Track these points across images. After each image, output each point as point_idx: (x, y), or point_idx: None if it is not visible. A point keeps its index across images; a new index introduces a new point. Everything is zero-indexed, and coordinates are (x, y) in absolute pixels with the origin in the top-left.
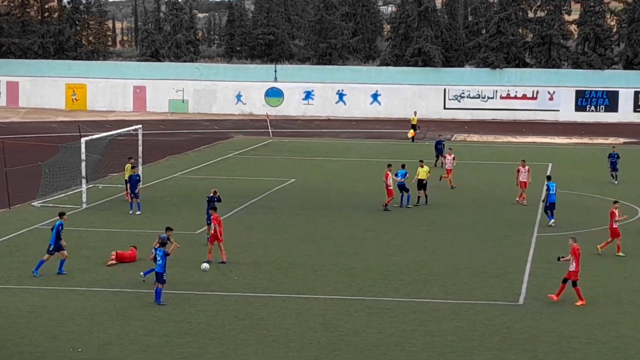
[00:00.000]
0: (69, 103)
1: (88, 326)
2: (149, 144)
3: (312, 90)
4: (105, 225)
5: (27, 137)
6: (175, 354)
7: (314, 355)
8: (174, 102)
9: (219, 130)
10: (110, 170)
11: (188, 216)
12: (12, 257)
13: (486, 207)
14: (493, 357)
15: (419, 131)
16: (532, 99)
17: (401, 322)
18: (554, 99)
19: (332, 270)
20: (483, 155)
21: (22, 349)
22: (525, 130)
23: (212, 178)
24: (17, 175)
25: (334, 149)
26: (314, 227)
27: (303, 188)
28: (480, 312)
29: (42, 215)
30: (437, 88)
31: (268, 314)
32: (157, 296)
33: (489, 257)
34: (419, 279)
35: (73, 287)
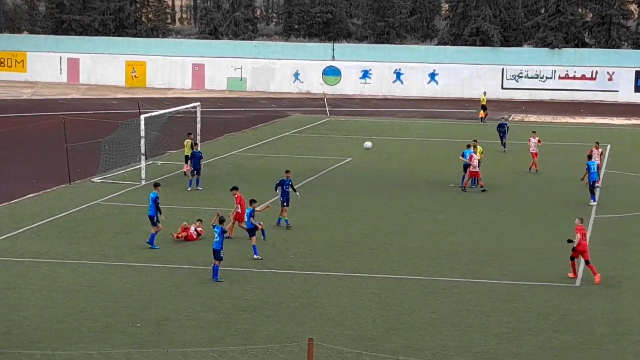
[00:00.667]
0: (128, 80)
1: (146, 302)
2: (207, 122)
3: (369, 69)
4: (164, 202)
5: (87, 113)
6: (232, 330)
7: (370, 334)
8: (232, 80)
9: (276, 109)
10: (169, 147)
11: (244, 194)
12: (72, 232)
13: (542, 187)
14: (549, 338)
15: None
16: (591, 80)
17: (457, 302)
18: (613, 80)
19: (388, 249)
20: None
21: (81, 323)
22: (583, 111)
23: (269, 156)
24: (77, 152)
25: (390, 128)
26: (369, 206)
27: (359, 167)
28: (536, 293)
29: (101, 191)
30: (495, 68)
31: (324, 291)
32: (214, 273)
33: (545, 237)
34: (475, 259)
35: (132, 262)
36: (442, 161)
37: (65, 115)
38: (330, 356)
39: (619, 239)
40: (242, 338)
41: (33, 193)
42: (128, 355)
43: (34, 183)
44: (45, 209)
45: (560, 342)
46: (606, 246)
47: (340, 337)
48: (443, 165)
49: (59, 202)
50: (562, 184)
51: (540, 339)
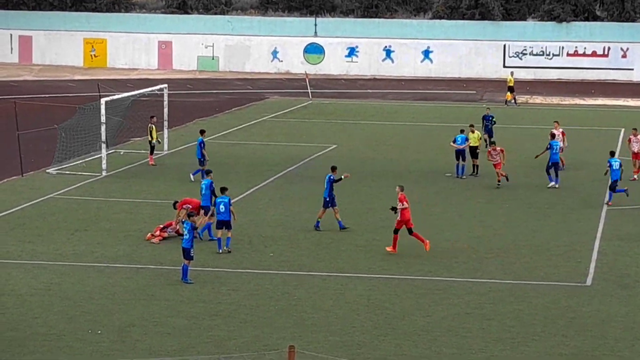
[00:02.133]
0: (87, 60)
1: (108, 306)
2: (175, 106)
3: (356, 46)
4: (127, 195)
5: (41, 97)
6: (204, 337)
7: (358, 340)
8: (203, 59)
9: (252, 91)
10: (133, 134)
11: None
12: (25, 229)
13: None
14: (557, 344)
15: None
16: (603, 57)
17: (454, 305)
18: (627, 57)
19: (378, 246)
20: (547, 119)
21: (37, 330)
22: (594, 92)
23: (245, 143)
24: (30, 140)
25: (380, 111)
26: (357, 199)
27: (345, 155)
28: (543, 294)
29: (57, 183)
30: (496, 44)
31: (306, 294)
32: (183, 274)
33: (552, 233)
34: (474, 257)
35: (92, 263)
36: (437, 148)
37: (16, 100)
38: None
39: (635, 233)
40: (215, 346)
41: None
42: None
43: None
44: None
45: (569, 347)
46: (621, 241)
47: (324, 343)
48: (438, 153)
49: (10, 195)
50: (570, 174)
51: (547, 345)
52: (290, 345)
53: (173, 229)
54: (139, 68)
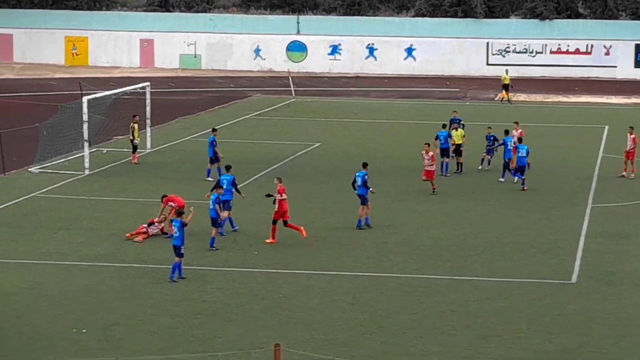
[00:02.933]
0: (68, 58)
1: (93, 305)
2: (157, 104)
3: (339, 44)
4: (110, 193)
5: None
6: (189, 335)
7: (343, 339)
8: (185, 57)
9: (235, 89)
10: (115, 133)
11: (202, 184)
12: (8, 228)
13: (534, 175)
14: (542, 341)
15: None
16: (586, 54)
17: (439, 303)
18: (610, 54)
19: (362, 244)
20: (530, 117)
21: (21, 329)
22: (578, 89)
23: (228, 142)
24: (11, 138)
25: (363, 109)
26: (341, 197)
27: (329, 153)
28: (527, 291)
29: (40, 182)
30: (479, 42)
31: (291, 292)
32: (172, 271)
33: (537, 231)
34: (459, 255)
35: (76, 261)
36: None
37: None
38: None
39: (619, 231)
40: (200, 344)
41: None
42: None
43: None
44: None
45: (555, 345)
46: (604, 238)
47: (310, 342)
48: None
49: None
50: (554, 171)
51: (532, 342)
52: (275, 344)
53: (158, 227)
54: (120, 66)
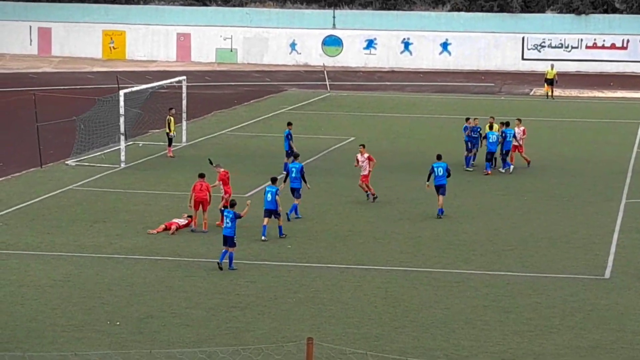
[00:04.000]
0: (106, 52)
1: (127, 297)
2: (193, 98)
3: (374, 38)
4: (146, 186)
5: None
6: (222, 328)
7: (375, 333)
8: (222, 51)
9: (270, 83)
10: (151, 126)
11: (237, 178)
12: (44, 221)
13: (568, 170)
14: (575, 336)
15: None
16: (622, 49)
17: (472, 297)
18: None
19: (396, 238)
20: (565, 112)
21: (55, 321)
22: (613, 84)
23: (263, 135)
24: (49, 131)
25: (398, 104)
26: (375, 191)
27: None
28: (561, 286)
29: (76, 175)
30: (514, 36)
31: (324, 286)
32: (230, 260)
33: (571, 226)
34: (492, 250)
35: (111, 254)
36: (455, 141)
37: (35, 91)
38: (331, 357)
39: None
40: (233, 337)
41: (0, 177)
42: (106, 357)
43: (1, 166)
44: (14, 195)
45: (587, 340)
46: (639, 233)
47: (342, 336)
48: (456, 145)
49: (30, 187)
50: (589, 166)
51: (565, 338)
52: (308, 338)
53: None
54: (157, 60)
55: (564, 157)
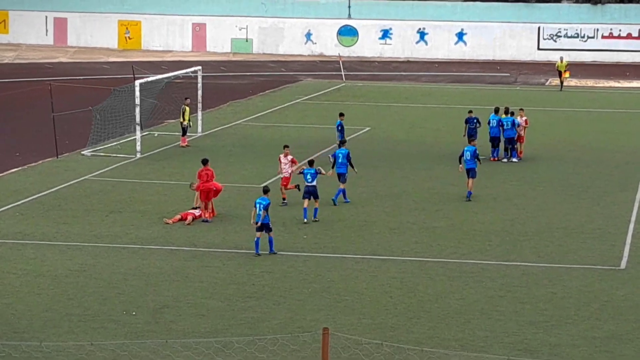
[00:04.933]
0: (121, 42)
1: (142, 287)
2: (209, 88)
3: (389, 28)
4: (162, 176)
5: (76, 79)
6: (238, 319)
7: (391, 323)
8: (237, 41)
9: (286, 73)
10: (167, 116)
11: (251, 168)
12: (60, 211)
13: (584, 160)
14: (590, 327)
15: (565, 77)
16: (638, 39)
17: (487, 288)
18: None
19: (411, 229)
20: (581, 102)
21: (71, 311)
22: (629, 74)
23: (279, 126)
24: (65, 121)
25: (413, 94)
26: (390, 181)
27: (379, 137)
28: (576, 277)
29: (92, 165)
30: (530, 26)
31: (340, 276)
32: (270, 245)
33: (586, 216)
34: (508, 240)
35: (126, 244)
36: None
37: (51, 81)
38: (347, 347)
39: None
40: (248, 328)
41: (16, 167)
42: (122, 347)
43: (18, 156)
44: (30, 185)
45: (602, 331)
46: None
47: (357, 326)
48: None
49: (46, 177)
50: (605, 156)
51: (580, 328)
52: (324, 328)
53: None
54: (173, 50)
55: (580, 147)
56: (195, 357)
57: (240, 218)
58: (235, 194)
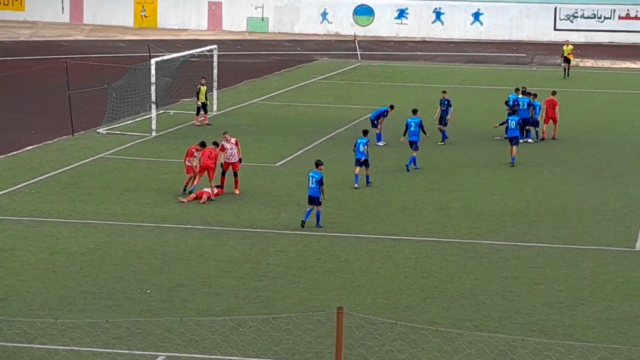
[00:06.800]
0: (137, 20)
1: (157, 265)
2: (224, 67)
3: (405, 8)
4: (177, 155)
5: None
6: (252, 297)
7: (405, 303)
8: (253, 20)
9: (301, 52)
10: (183, 95)
11: (267, 147)
12: (75, 188)
13: (599, 141)
14: (605, 308)
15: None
16: None
17: (502, 268)
18: None
19: (426, 209)
20: (597, 83)
21: (86, 288)
22: None
23: (294, 105)
24: (81, 99)
25: (429, 74)
26: (405, 161)
27: (394, 117)
28: (591, 258)
29: (107, 143)
30: (546, 6)
31: (354, 256)
32: (317, 219)
33: (602, 198)
34: (523, 221)
35: (141, 222)
36: (486, 111)
37: (67, 59)
38: (361, 326)
39: None
40: (263, 306)
41: (32, 145)
42: (137, 324)
43: (34, 134)
44: (46, 163)
45: (617, 312)
46: None
47: (372, 306)
48: (487, 115)
49: (61, 155)
50: (621, 138)
51: (594, 310)
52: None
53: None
54: (188, 29)
55: (596, 128)
56: (210, 335)
57: (255, 197)
58: (250, 173)
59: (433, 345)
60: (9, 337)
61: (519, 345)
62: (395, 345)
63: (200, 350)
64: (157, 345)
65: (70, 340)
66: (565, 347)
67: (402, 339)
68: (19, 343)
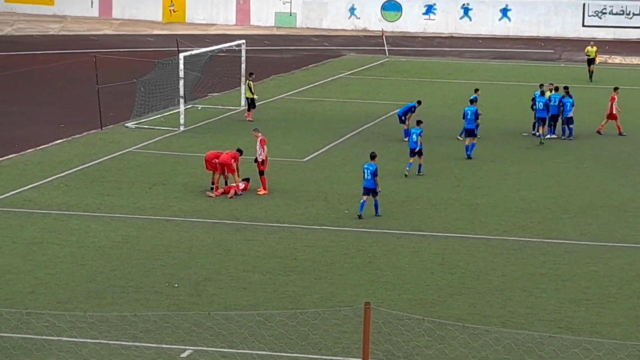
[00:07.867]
0: (166, 15)
1: (185, 260)
2: (252, 62)
3: (433, 3)
4: (204, 150)
5: (120, 51)
6: (279, 292)
7: (431, 299)
8: (281, 15)
9: (329, 47)
10: (211, 90)
11: (295, 142)
12: (104, 182)
13: (629, 138)
14: (633, 306)
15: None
16: None
17: (529, 265)
18: None
19: (453, 205)
20: (626, 80)
21: (114, 282)
22: None
23: (322, 100)
24: (109, 94)
25: (457, 70)
26: (432, 157)
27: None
28: (619, 255)
29: (136, 137)
30: (575, 3)
31: (381, 251)
32: (376, 208)
33: (630, 194)
34: (550, 217)
35: (169, 217)
36: (513, 107)
37: (96, 54)
38: (388, 322)
39: None
40: (290, 301)
41: (61, 139)
42: (165, 318)
43: (63, 128)
44: (74, 157)
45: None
46: None
47: (398, 301)
48: (515, 111)
49: (90, 149)
50: None
51: (622, 307)
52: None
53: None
54: (217, 24)
55: (624, 125)
56: (237, 329)
57: (282, 192)
58: (278, 168)
59: (460, 341)
60: (37, 330)
61: (545, 342)
62: (422, 341)
63: (228, 344)
64: (184, 339)
65: (99, 333)
66: (593, 344)
67: (429, 335)
68: (47, 336)
